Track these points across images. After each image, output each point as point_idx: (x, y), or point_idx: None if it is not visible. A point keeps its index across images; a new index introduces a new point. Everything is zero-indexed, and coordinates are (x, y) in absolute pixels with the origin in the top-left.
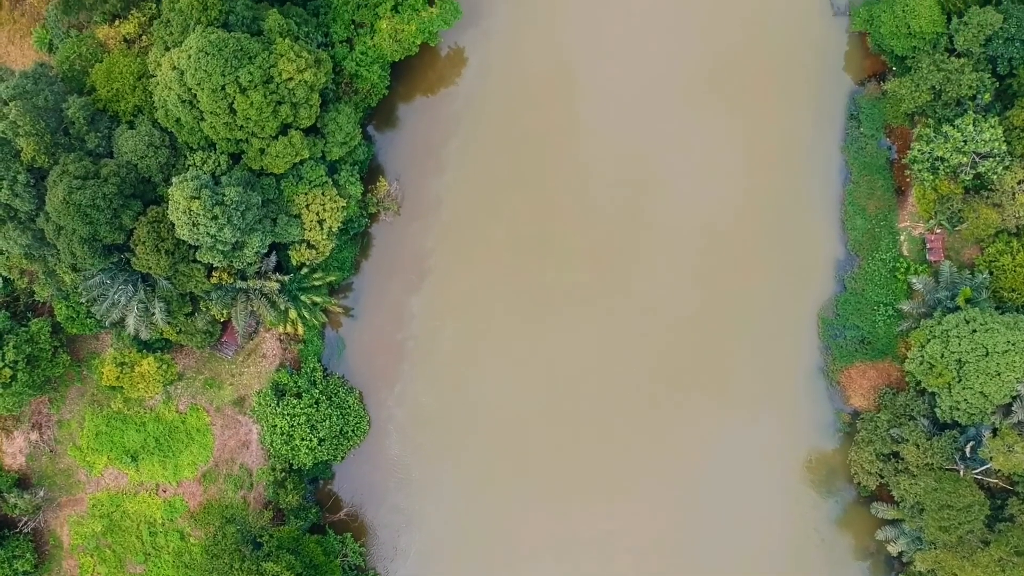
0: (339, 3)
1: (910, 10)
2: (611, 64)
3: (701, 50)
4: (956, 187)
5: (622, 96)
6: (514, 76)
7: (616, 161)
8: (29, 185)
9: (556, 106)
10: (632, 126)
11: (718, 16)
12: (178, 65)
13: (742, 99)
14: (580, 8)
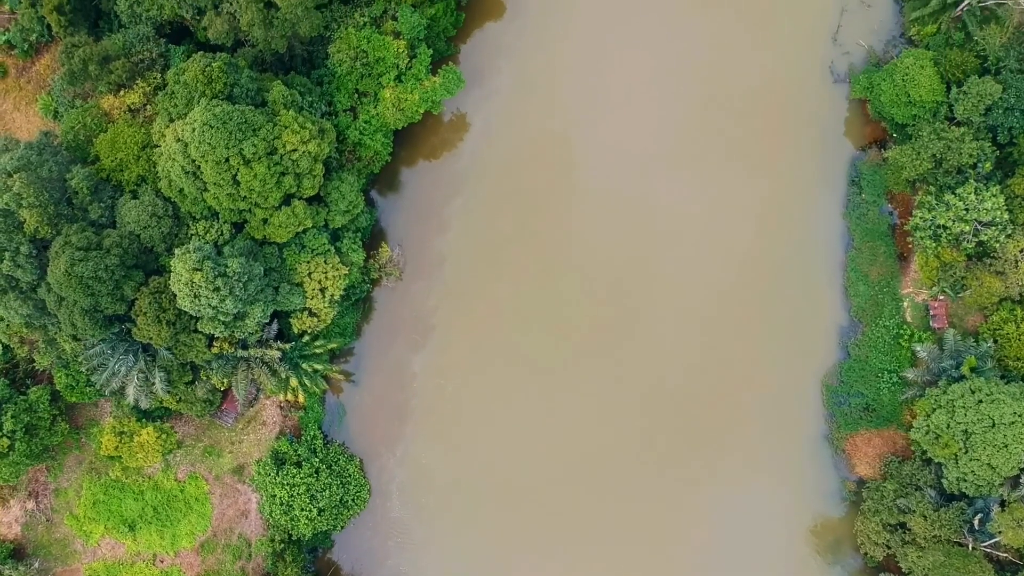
0: (343, 73)
1: (910, 79)
2: (613, 126)
3: (702, 115)
4: (959, 255)
5: (624, 157)
6: (517, 136)
7: (618, 222)
8: (31, 256)
9: (559, 167)
10: (634, 188)
11: (719, 82)
12: (182, 137)
13: (742, 165)
14: (582, 72)
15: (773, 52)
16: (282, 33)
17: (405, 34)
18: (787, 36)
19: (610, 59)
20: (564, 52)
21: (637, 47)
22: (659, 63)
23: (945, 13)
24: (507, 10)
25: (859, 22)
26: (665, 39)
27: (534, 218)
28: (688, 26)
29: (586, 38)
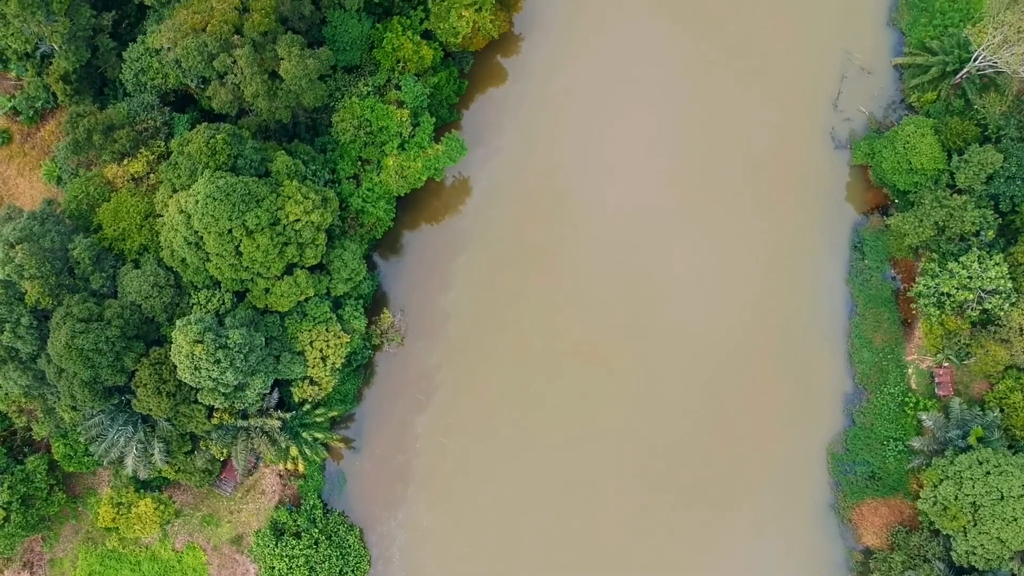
0: (346, 141)
1: (911, 147)
2: (615, 185)
3: (703, 179)
4: (963, 322)
5: (626, 217)
6: (521, 194)
7: (620, 281)
8: (32, 327)
9: (562, 225)
10: (636, 248)
11: (719, 147)
12: (185, 209)
13: (744, 229)
14: (585, 132)
15: (774, 117)
16: (286, 104)
17: (408, 103)
18: (788, 102)
19: (612, 120)
20: (567, 112)
21: (639, 108)
22: (661, 124)
23: (945, 81)
24: (510, 73)
25: (859, 89)
26: (666, 101)
27: (537, 276)
28: (689, 90)
29: (589, 99)
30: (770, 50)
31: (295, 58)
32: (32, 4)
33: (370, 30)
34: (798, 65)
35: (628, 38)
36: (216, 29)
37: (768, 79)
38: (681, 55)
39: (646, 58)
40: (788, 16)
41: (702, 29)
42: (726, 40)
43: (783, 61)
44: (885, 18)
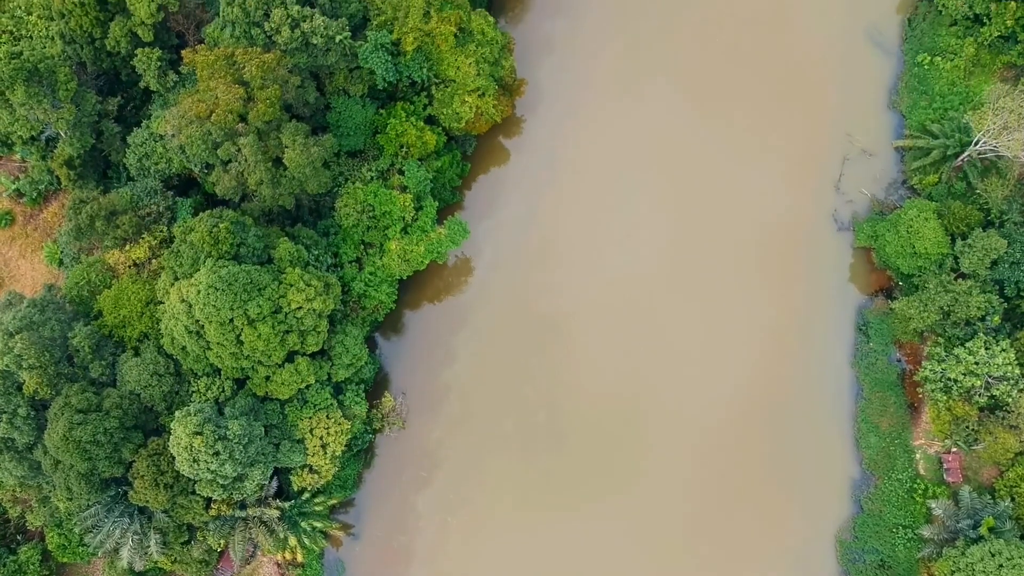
0: (349, 225)
1: (914, 231)
2: (617, 258)
3: (705, 258)
4: (971, 408)
5: (629, 291)
6: (522, 267)
7: (624, 355)
8: (29, 418)
9: (565, 298)
10: (638, 321)
11: (722, 226)
12: (187, 298)
13: (747, 309)
14: (588, 207)
15: (776, 199)
16: (290, 191)
17: (411, 188)
18: (790, 185)
19: (616, 194)
20: (570, 188)
21: (642, 183)
22: (663, 201)
23: (946, 164)
24: (512, 153)
25: (861, 171)
26: (669, 179)
27: (541, 349)
28: (691, 170)
29: (593, 177)
30: (772, 132)
31: (299, 146)
32: (38, 92)
33: (374, 116)
34: (800, 148)
35: (631, 117)
36: (220, 119)
37: (770, 161)
38: (684, 136)
39: (650, 136)
40: (790, 99)
41: (705, 111)
42: (728, 122)
43: (785, 144)
44: (885, 101)
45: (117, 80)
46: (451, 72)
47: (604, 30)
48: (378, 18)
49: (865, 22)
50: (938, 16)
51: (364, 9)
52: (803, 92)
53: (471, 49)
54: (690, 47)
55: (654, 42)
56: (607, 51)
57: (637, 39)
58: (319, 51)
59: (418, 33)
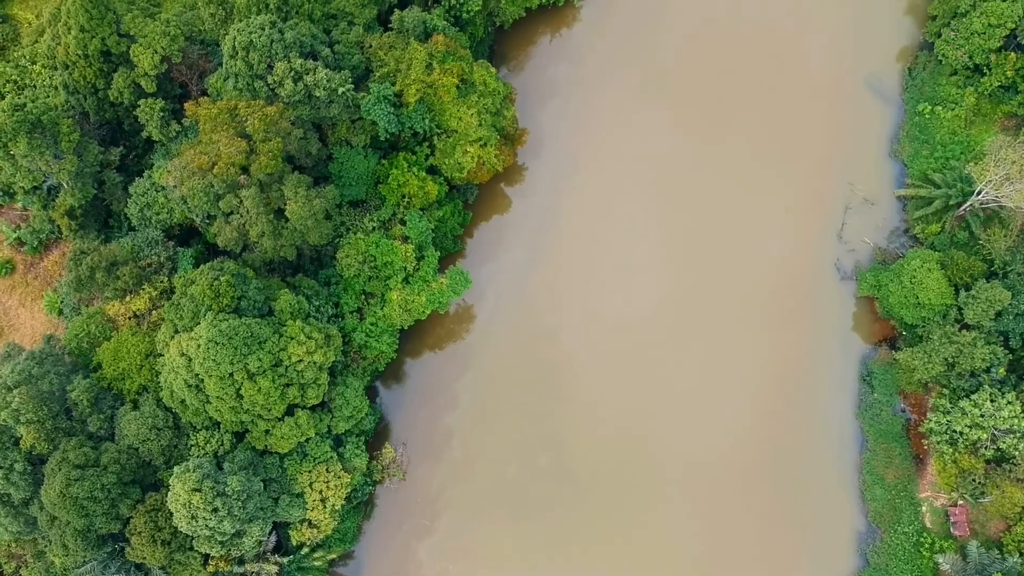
0: (350, 275)
1: (917, 282)
2: (620, 302)
3: (707, 307)
4: (977, 461)
5: (631, 335)
6: (524, 310)
7: (626, 400)
8: (25, 473)
9: (568, 341)
10: (641, 366)
11: (724, 274)
12: (186, 352)
13: (749, 359)
14: (590, 250)
15: (778, 249)
16: (291, 243)
17: (413, 238)
18: (792, 234)
19: (618, 238)
20: (573, 227)
21: (644, 230)
22: (664, 244)
23: (948, 213)
24: (514, 200)
25: (863, 220)
26: (669, 223)
27: (544, 392)
28: (692, 219)
29: (595, 220)
30: (774, 180)
31: (301, 199)
32: (41, 144)
33: (376, 166)
34: (802, 196)
35: (633, 160)
36: (223, 171)
37: (772, 210)
38: (685, 182)
39: (651, 180)
40: (791, 147)
41: (706, 157)
42: (730, 170)
43: (787, 192)
44: (887, 150)
45: (120, 129)
46: (453, 123)
47: (605, 75)
48: (381, 70)
49: (865, 71)
50: (938, 66)
51: (367, 61)
52: (804, 140)
53: (473, 100)
54: (691, 93)
55: (655, 86)
56: (608, 96)
57: (638, 83)
58: (322, 103)
59: (420, 85)
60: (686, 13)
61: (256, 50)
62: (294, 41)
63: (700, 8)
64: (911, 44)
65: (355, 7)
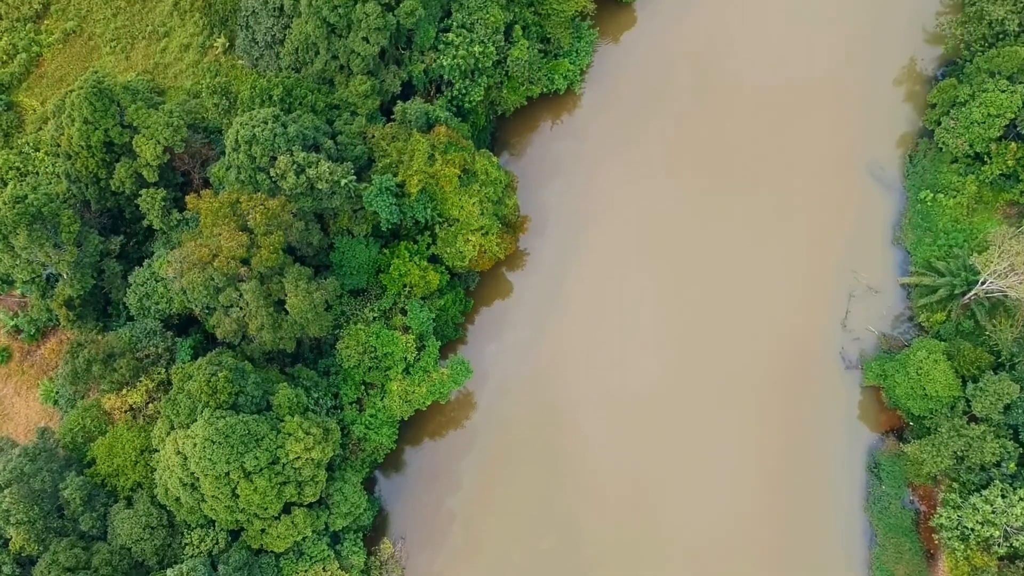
0: (350, 366)
1: (924, 373)
2: (623, 380)
3: (710, 392)
4: (990, 559)
5: (635, 414)
6: (528, 389)
7: (632, 480)
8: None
9: (572, 419)
10: (645, 448)
11: (728, 360)
12: (182, 450)
13: (754, 449)
14: (592, 325)
15: (782, 339)
16: (291, 335)
17: (414, 329)
18: (796, 323)
19: (620, 318)
20: (576, 305)
21: (647, 307)
22: (667, 325)
23: (953, 302)
24: (515, 282)
25: (867, 307)
26: (673, 304)
27: (550, 472)
28: (694, 297)
29: (598, 293)
30: (777, 268)
31: (302, 292)
32: (41, 236)
33: (377, 255)
34: (805, 284)
35: (636, 240)
36: (223, 265)
37: (776, 299)
38: (688, 264)
39: (654, 260)
40: (794, 235)
41: (710, 240)
42: (733, 258)
43: (790, 280)
44: (889, 237)
45: (121, 217)
46: (455, 212)
47: (608, 151)
48: (383, 160)
49: (866, 157)
50: (939, 153)
51: (369, 151)
52: (807, 226)
53: (475, 189)
54: (694, 173)
55: (658, 163)
56: (611, 172)
57: (640, 160)
58: (324, 194)
59: (423, 175)
60: (689, 92)
61: (259, 144)
62: (297, 134)
63: (703, 88)
64: (911, 131)
65: (358, 98)
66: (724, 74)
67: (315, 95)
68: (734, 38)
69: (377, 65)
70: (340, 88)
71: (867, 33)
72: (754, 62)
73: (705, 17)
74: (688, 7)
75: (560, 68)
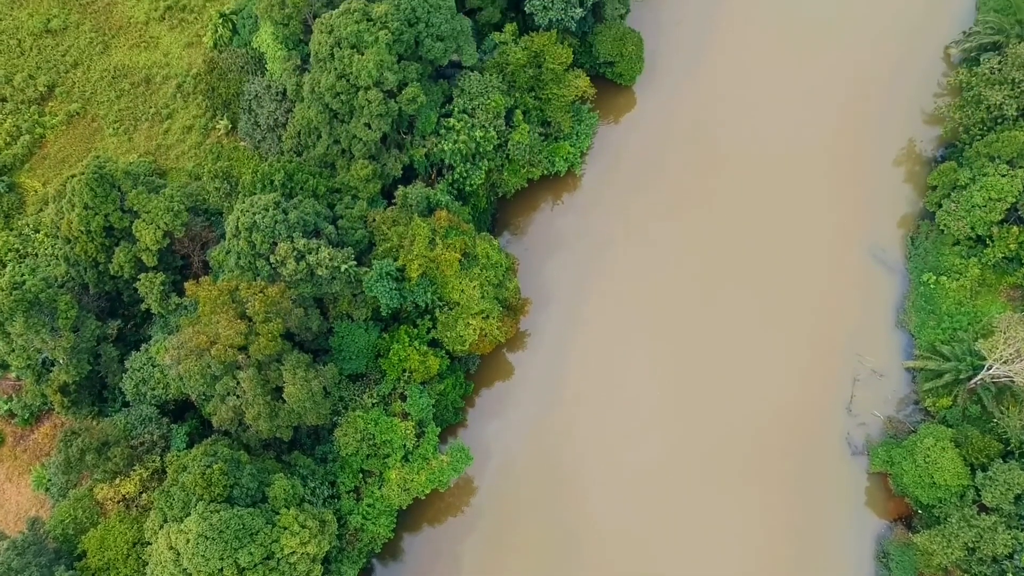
0: (348, 453)
1: (932, 461)
2: (627, 458)
3: (714, 476)
4: None
5: (641, 494)
6: (531, 470)
7: (637, 562)
8: None
9: (576, 497)
10: (652, 528)
11: (732, 443)
12: (175, 545)
13: (759, 527)
14: (596, 402)
15: (788, 425)
16: (288, 424)
17: (413, 415)
18: (801, 407)
19: (624, 392)
20: (579, 382)
21: (651, 384)
22: (672, 400)
23: (959, 386)
24: (516, 364)
25: (872, 391)
26: (677, 377)
27: (552, 547)
28: (697, 370)
29: (601, 371)
30: (781, 352)
31: (300, 380)
32: (37, 323)
33: (377, 339)
34: (810, 369)
35: (638, 318)
36: (220, 353)
37: (780, 383)
38: (692, 341)
39: (657, 339)
40: (797, 319)
41: (713, 319)
42: (737, 341)
43: (795, 365)
44: (893, 320)
45: (119, 299)
46: (455, 295)
47: (607, 232)
48: (383, 244)
49: (867, 239)
50: (940, 235)
51: (370, 235)
52: (809, 309)
53: (475, 273)
54: (697, 248)
55: (660, 240)
56: (610, 253)
57: (642, 237)
58: (324, 280)
59: (423, 260)
60: (690, 171)
61: (259, 231)
62: (297, 220)
63: (704, 168)
64: (912, 211)
65: (359, 182)
66: (724, 155)
67: (316, 179)
68: (734, 120)
69: (379, 149)
70: (342, 172)
71: (865, 114)
72: (753, 142)
73: (706, 99)
74: (689, 89)
75: (561, 151)
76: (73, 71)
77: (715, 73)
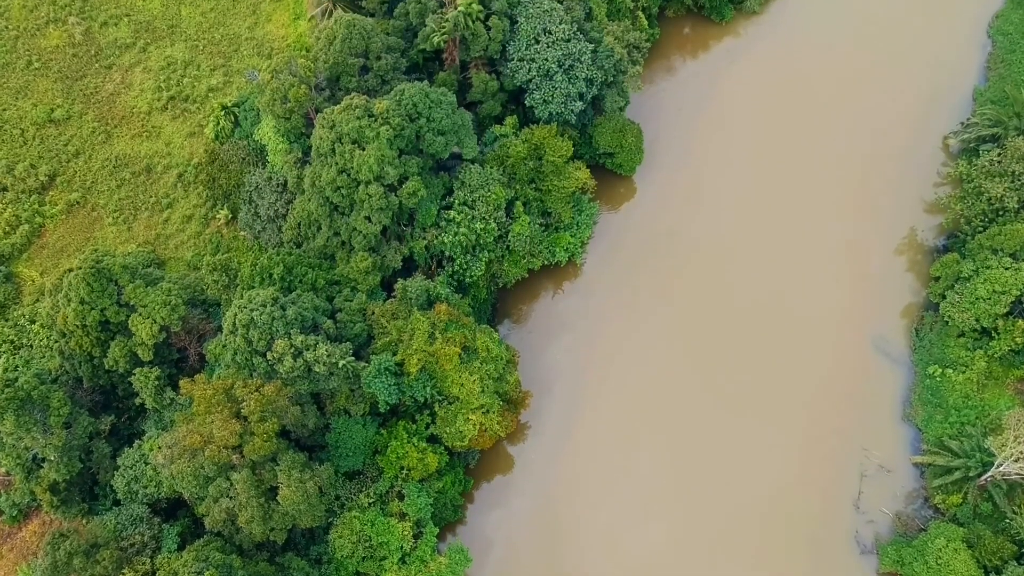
0: (343, 555)
1: (944, 563)
2: (630, 544)
3: (720, 565)
4: None
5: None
6: (535, 557)
7: None
8: None
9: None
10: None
11: (739, 542)
12: None
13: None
14: (598, 489)
15: (794, 522)
16: (282, 527)
17: (411, 515)
18: (808, 504)
19: (627, 478)
20: (581, 467)
21: (654, 471)
22: (675, 487)
23: (969, 483)
24: (519, 449)
25: (880, 487)
26: (678, 466)
27: None
28: (701, 459)
29: (603, 457)
30: (786, 448)
31: (295, 482)
32: (28, 421)
33: (375, 435)
34: (816, 463)
35: (640, 406)
36: (214, 454)
37: (785, 479)
38: (696, 429)
39: (659, 427)
40: (801, 413)
41: (716, 408)
42: (742, 430)
43: (801, 461)
44: (899, 413)
45: (113, 393)
46: (455, 390)
47: (607, 319)
48: (383, 338)
49: (871, 330)
50: (945, 327)
51: (369, 328)
52: (814, 403)
53: (475, 366)
54: (697, 346)
55: (661, 332)
56: (611, 340)
57: (642, 328)
58: (321, 377)
59: (423, 355)
60: (692, 260)
61: (257, 328)
62: (295, 316)
63: (705, 256)
64: (915, 302)
65: (359, 274)
66: (726, 244)
67: (315, 272)
68: (735, 209)
69: (379, 242)
70: (341, 264)
71: (866, 202)
72: (755, 231)
73: (706, 185)
74: (689, 176)
75: (561, 241)
76: (75, 160)
77: (715, 160)
